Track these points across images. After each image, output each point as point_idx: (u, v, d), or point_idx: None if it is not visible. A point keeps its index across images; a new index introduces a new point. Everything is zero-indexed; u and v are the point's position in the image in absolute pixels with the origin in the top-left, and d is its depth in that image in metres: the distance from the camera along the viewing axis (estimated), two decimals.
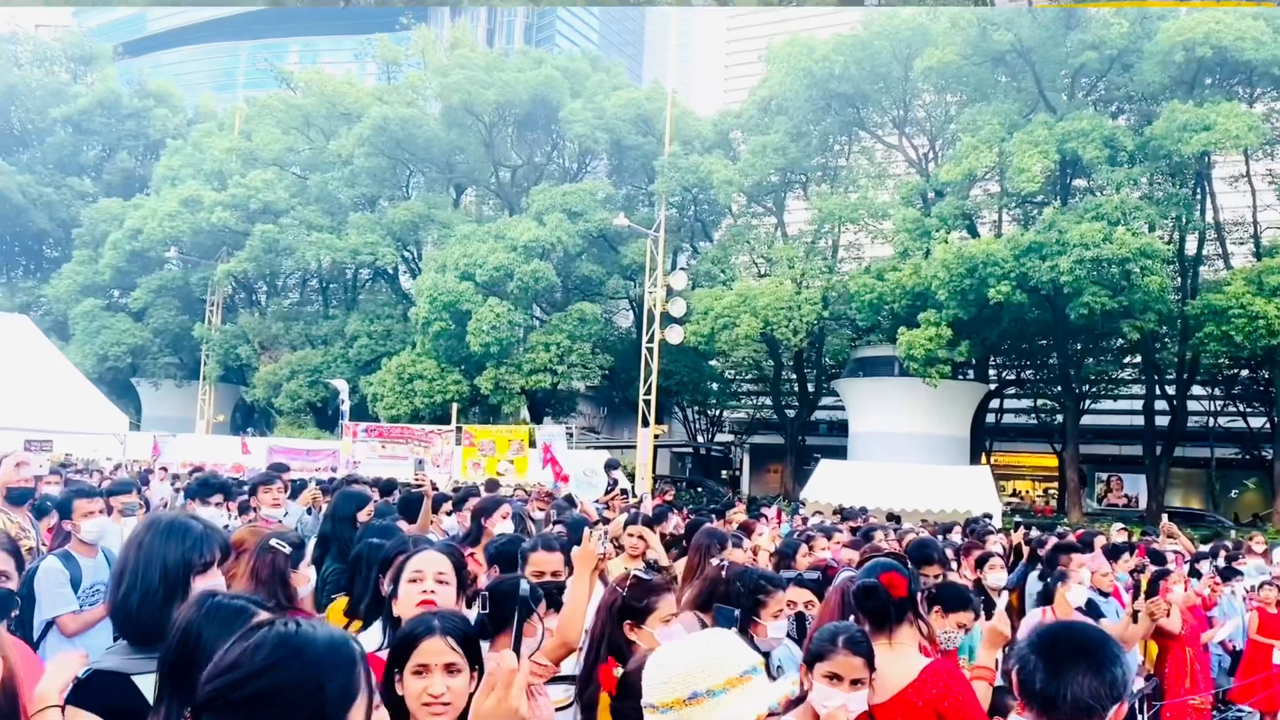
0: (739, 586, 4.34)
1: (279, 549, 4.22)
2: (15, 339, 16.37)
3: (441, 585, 3.35)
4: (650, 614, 3.73)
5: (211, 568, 3.08)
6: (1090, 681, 2.37)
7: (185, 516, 3.27)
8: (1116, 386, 40.88)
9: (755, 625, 4.20)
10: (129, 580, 2.98)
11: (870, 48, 33.75)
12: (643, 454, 32.36)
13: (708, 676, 1.95)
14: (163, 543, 3.04)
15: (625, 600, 3.77)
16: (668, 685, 1.97)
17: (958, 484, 25.99)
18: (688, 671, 1.97)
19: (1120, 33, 29.44)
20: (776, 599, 4.30)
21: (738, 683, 1.96)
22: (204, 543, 3.08)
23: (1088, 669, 2.39)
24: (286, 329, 43.71)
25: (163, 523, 3.13)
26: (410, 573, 3.38)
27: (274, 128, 43.42)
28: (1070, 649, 2.45)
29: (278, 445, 29.55)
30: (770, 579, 4.44)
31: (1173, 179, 32.02)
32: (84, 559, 5.36)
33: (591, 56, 48.40)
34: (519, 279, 34.74)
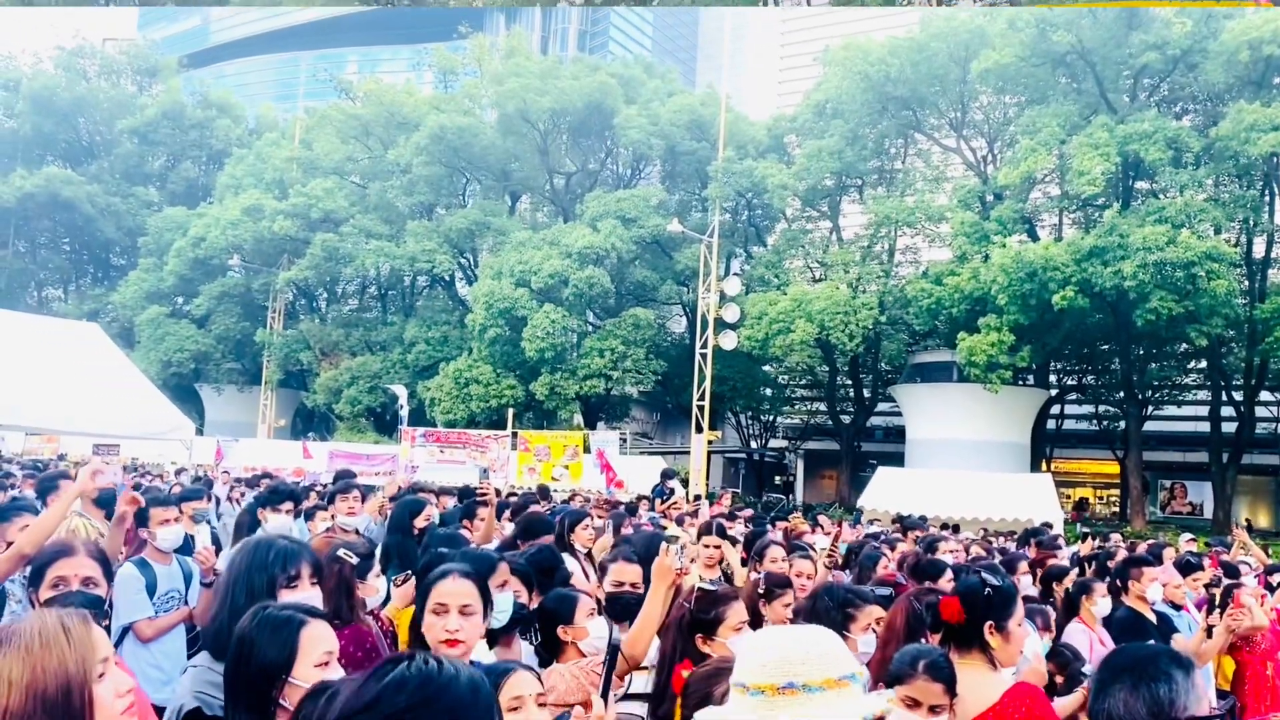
0: (827, 601, 4.33)
1: (346, 559, 4.26)
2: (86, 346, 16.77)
3: (467, 618, 3.25)
4: (720, 624, 3.74)
5: (299, 581, 3.18)
6: (1128, 698, 2.40)
7: (274, 536, 3.39)
8: (1181, 392, 39.94)
9: (846, 640, 4.18)
10: (220, 597, 3.14)
11: (926, 50, 33.41)
12: (696, 460, 32.32)
13: (809, 670, 1.91)
14: (248, 561, 3.18)
15: (693, 614, 3.77)
16: (765, 669, 1.93)
17: (1018, 492, 25.62)
18: (789, 659, 1.93)
19: (1183, 32, 28.85)
20: (866, 613, 4.28)
21: (835, 685, 1.91)
22: (289, 558, 3.19)
23: (1128, 685, 2.42)
24: (346, 335, 44.36)
25: (251, 542, 3.27)
26: (434, 603, 3.29)
27: (333, 137, 44.15)
28: (1116, 666, 2.50)
29: (338, 450, 30.02)
30: (859, 594, 4.43)
31: (1240, 180, 31.27)
32: (159, 565, 5.47)
33: (645, 62, 48.53)
34: (574, 285, 34.91)
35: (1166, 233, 26.90)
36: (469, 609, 3.24)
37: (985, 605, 3.72)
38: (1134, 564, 7.37)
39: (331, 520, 6.88)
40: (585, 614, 3.88)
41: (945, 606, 3.81)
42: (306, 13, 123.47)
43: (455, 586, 3.28)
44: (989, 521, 23.03)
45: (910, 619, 4.13)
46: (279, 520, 6.85)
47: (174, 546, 5.58)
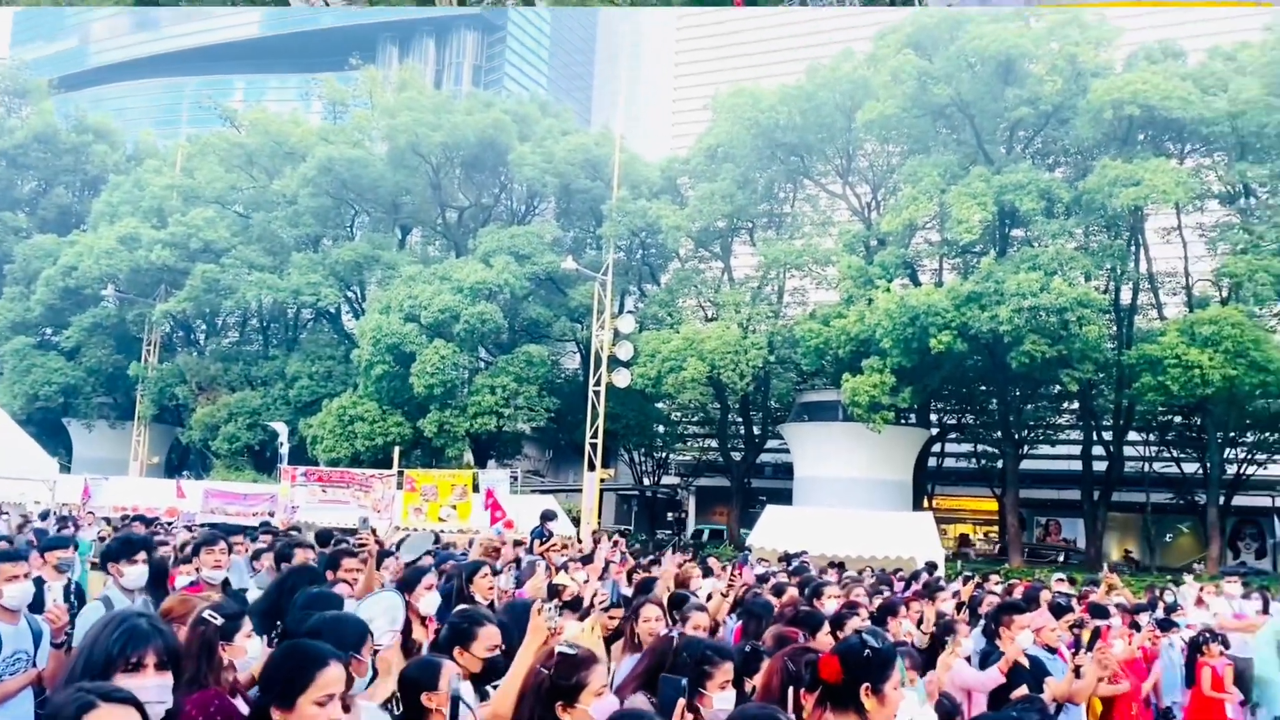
0: (685, 657, 4.26)
1: (210, 621, 4.06)
2: None
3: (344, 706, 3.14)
4: (582, 690, 3.60)
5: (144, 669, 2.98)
6: None
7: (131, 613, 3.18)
8: (1055, 432, 41.62)
9: (702, 697, 4.10)
10: (66, 669, 2.93)
11: (814, 99, 34.36)
12: (588, 498, 32.17)
13: None
14: (94, 636, 2.98)
15: (554, 679, 3.62)
16: None
17: (901, 530, 26.15)
18: None
19: (1054, 89, 30.34)
20: (723, 670, 4.20)
21: None
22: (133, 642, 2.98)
23: None
24: (225, 369, 42.93)
25: (106, 617, 3.07)
26: (318, 694, 3.09)
27: (217, 166, 42.92)
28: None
29: (214, 489, 28.79)
30: (718, 649, 4.36)
31: (1108, 231, 32.91)
32: (5, 625, 5.09)
33: (540, 100, 48.69)
34: (465, 321, 34.54)
35: (1040, 280, 28.07)
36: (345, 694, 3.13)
37: (863, 666, 3.70)
38: (1006, 610, 7.55)
39: (196, 574, 6.51)
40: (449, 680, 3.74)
41: (824, 665, 3.79)
42: (192, 37, 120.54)
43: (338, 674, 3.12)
44: (873, 560, 23.41)
45: (784, 679, 4.09)
46: (134, 573, 6.37)
47: (22, 605, 5.19)
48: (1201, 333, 27.93)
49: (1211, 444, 33.29)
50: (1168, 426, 37.45)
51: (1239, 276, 28.38)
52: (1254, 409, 32.00)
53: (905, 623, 8.09)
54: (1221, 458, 34.11)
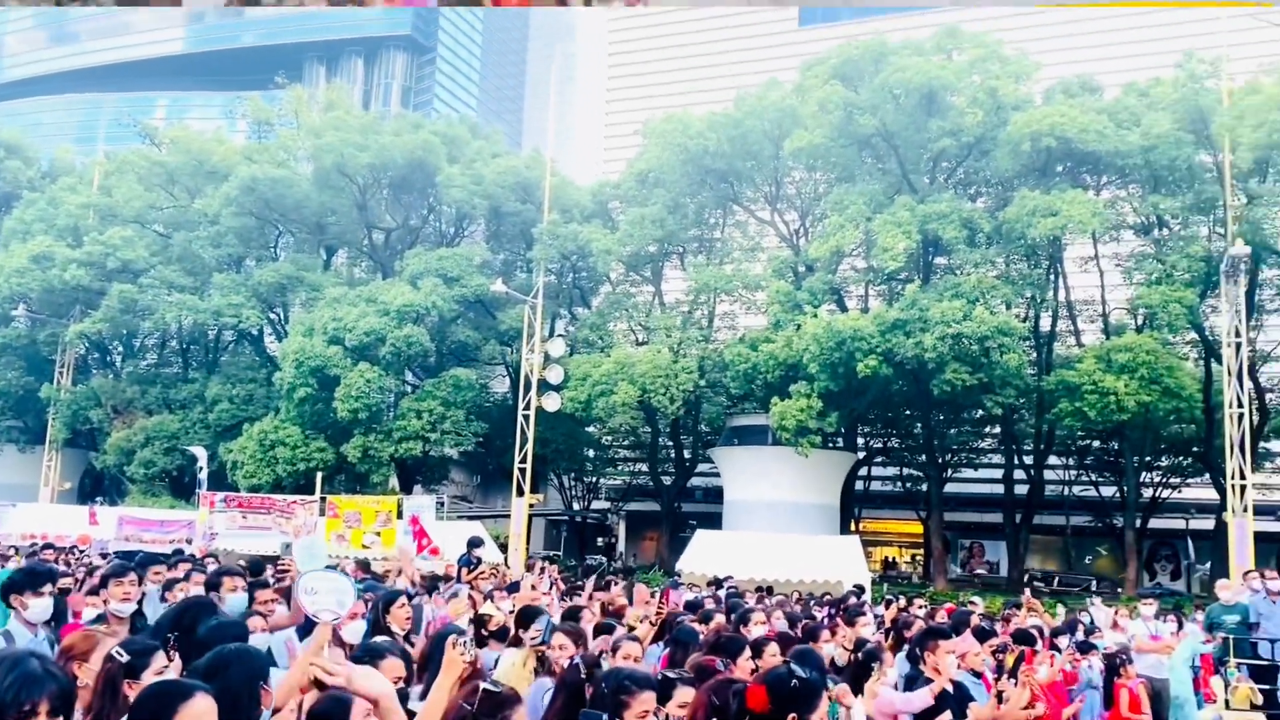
0: (604, 688, 4.17)
1: (116, 658, 3.89)
2: None
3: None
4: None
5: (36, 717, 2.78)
6: None
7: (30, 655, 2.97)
8: (978, 456, 42.43)
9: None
10: None
11: (742, 126, 34.75)
12: (517, 524, 31.83)
13: None
14: None
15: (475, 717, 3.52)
16: None
17: (829, 553, 26.38)
18: None
19: (976, 121, 31.09)
20: (641, 699, 4.11)
21: None
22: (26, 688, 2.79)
23: None
24: (142, 392, 41.66)
25: None
26: None
27: (136, 184, 41.76)
28: None
29: (128, 515, 27.93)
30: (635, 678, 4.26)
31: (1027, 260, 33.76)
32: None
33: (470, 123, 48.39)
34: (391, 344, 34.06)
35: (963, 307, 28.64)
36: None
37: (791, 697, 3.70)
38: (931, 635, 7.57)
39: (104, 606, 6.22)
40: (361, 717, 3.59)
41: (751, 695, 3.78)
42: (112, 53, 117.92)
43: (205, 706, 2.96)
44: (801, 584, 23.56)
45: (708, 712, 4.02)
46: (39, 606, 6.07)
47: None
48: (1117, 360, 28.72)
49: (1128, 468, 34.21)
50: (1086, 451, 38.41)
51: (1153, 306, 29.27)
52: (1168, 434, 32.99)
53: (827, 647, 8.09)
54: (1138, 481, 35.06)
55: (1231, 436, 24.33)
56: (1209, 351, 32.40)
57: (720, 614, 9.02)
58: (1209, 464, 32.37)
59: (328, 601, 4.66)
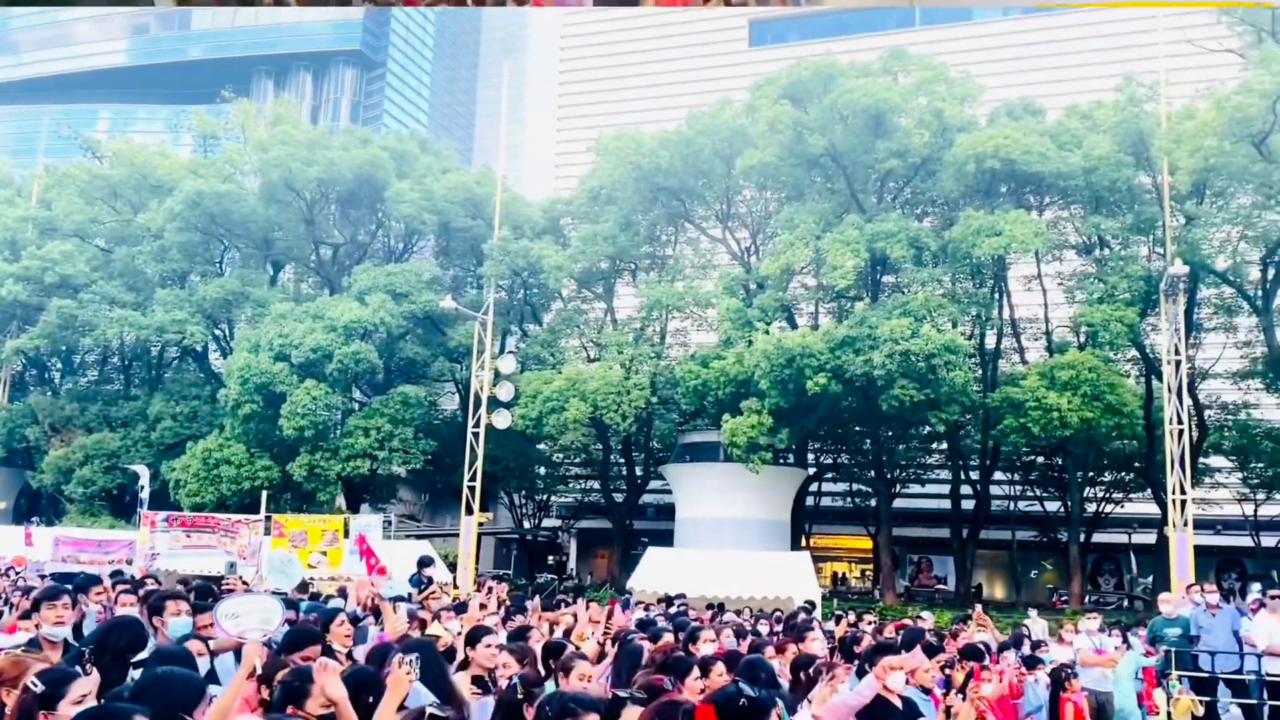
0: (547, 710, 4.11)
1: (31, 689, 3.76)
2: None
3: None
4: None
5: None
6: None
7: None
8: (926, 472, 42.88)
9: None
10: None
11: (693, 145, 34.94)
12: (466, 543, 31.48)
13: None
14: None
15: None
16: None
17: (779, 570, 26.39)
18: None
19: (923, 142, 31.55)
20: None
21: None
22: None
23: None
24: (82, 410, 40.71)
25: None
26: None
27: (76, 197, 40.94)
28: None
29: (65, 536, 27.13)
30: (579, 700, 4.20)
31: (973, 279, 34.30)
32: None
33: (420, 138, 48.09)
34: (338, 360, 33.65)
35: (910, 325, 28.98)
36: None
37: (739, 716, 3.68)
38: (880, 651, 7.58)
39: (36, 630, 5.99)
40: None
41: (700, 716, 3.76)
42: (55, 64, 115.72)
43: None
44: (752, 600, 23.54)
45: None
46: None
47: None
48: (1060, 377, 29.21)
49: (1072, 483, 34.78)
50: (1031, 466, 38.99)
51: (1095, 324, 29.84)
52: (1110, 450, 33.61)
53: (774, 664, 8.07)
54: (1081, 497, 35.66)
55: (1172, 452, 24.83)
56: (1149, 369, 33.12)
57: (669, 632, 8.95)
58: (1150, 479, 33.02)
59: (250, 622, 4.60)
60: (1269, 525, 36.37)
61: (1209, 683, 14.13)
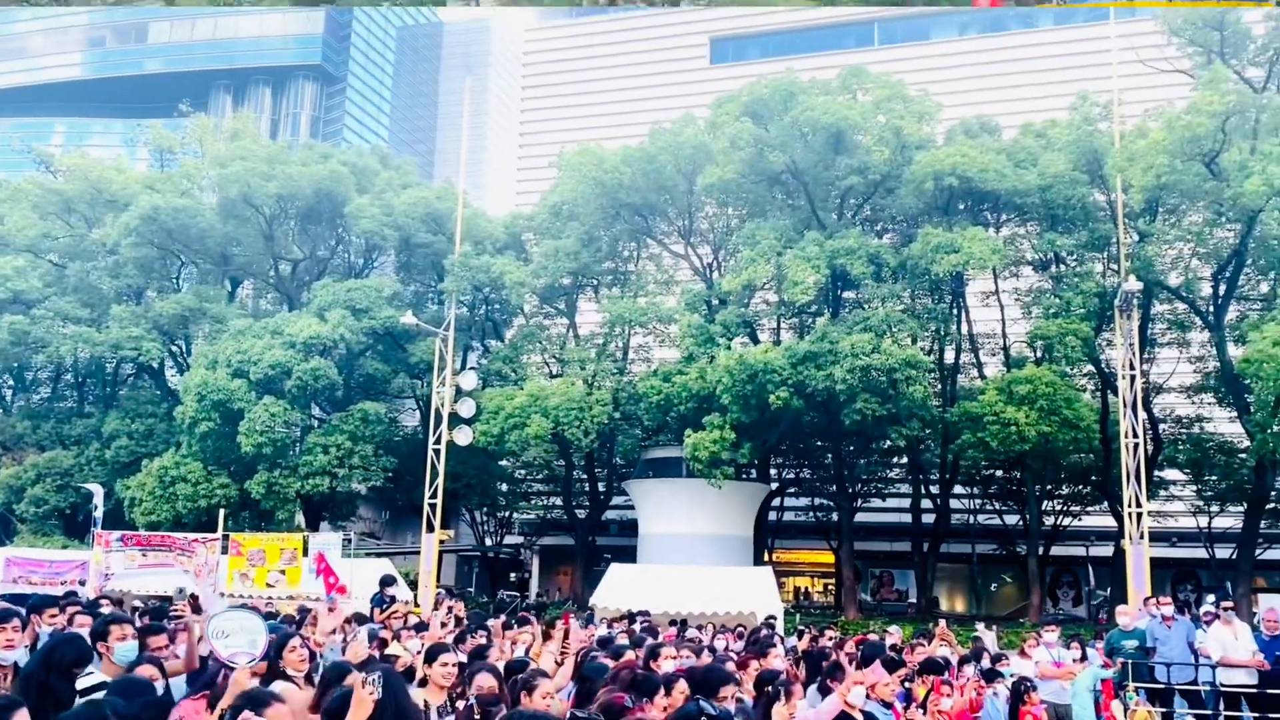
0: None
1: None
2: None
3: None
4: None
5: None
6: None
7: None
8: (887, 486, 43.13)
9: None
10: None
11: (655, 162, 35.00)
12: (427, 560, 31.15)
13: None
14: None
15: None
16: None
17: (742, 585, 26.37)
18: None
19: (882, 159, 31.86)
20: None
21: None
22: None
23: None
24: (34, 427, 39.94)
25: None
26: None
27: (29, 212, 40.20)
28: None
29: (15, 556, 26.58)
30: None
31: (932, 295, 34.63)
32: None
33: (380, 153, 47.85)
34: (297, 377, 33.28)
35: (871, 340, 29.20)
36: None
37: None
38: (840, 667, 7.61)
39: None
40: None
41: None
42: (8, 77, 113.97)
43: None
44: (715, 616, 23.51)
45: None
46: None
47: None
48: (1018, 391, 29.52)
49: (1030, 497, 35.13)
50: (990, 480, 39.32)
51: (1051, 338, 30.23)
52: (1068, 463, 33.98)
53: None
54: (1040, 510, 36.00)
55: (1128, 465, 25.15)
56: (1105, 383, 33.58)
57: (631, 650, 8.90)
58: (1107, 492, 33.43)
59: (239, 643, 4.54)
60: (1223, 537, 36.90)
61: (1165, 694, 14.32)
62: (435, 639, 9.32)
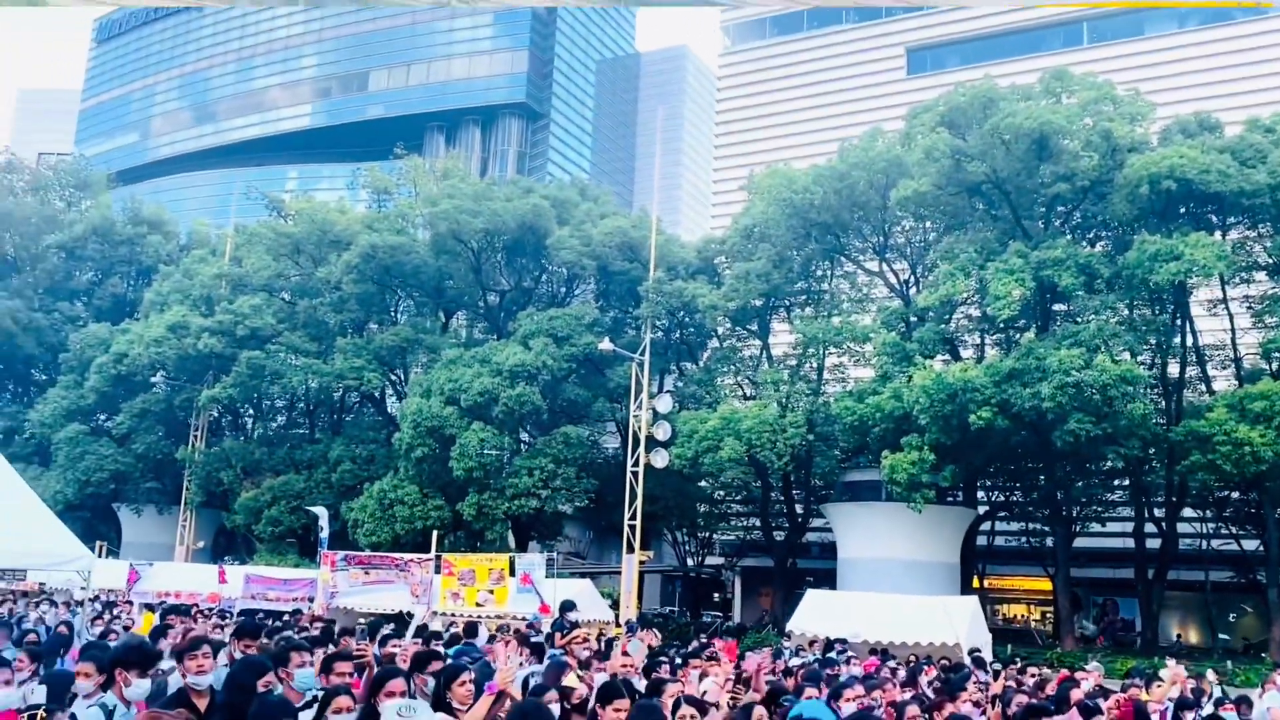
0: None
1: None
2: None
3: None
4: None
5: None
6: None
7: None
8: (1107, 509, 40.47)
9: None
10: None
11: (848, 179, 34.48)
12: (627, 580, 31.78)
13: None
14: None
15: None
16: None
17: (945, 614, 25.42)
18: None
19: (1091, 165, 30.19)
20: None
21: None
22: None
23: None
24: (270, 453, 43.37)
25: None
26: None
27: (264, 254, 43.94)
28: None
29: (254, 574, 28.85)
30: None
31: (1151, 305, 32.40)
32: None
33: (581, 185, 49.46)
34: (504, 403, 34.69)
35: (1082, 355, 27.60)
36: None
37: None
38: (1033, 714, 7.28)
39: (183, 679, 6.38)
40: None
41: None
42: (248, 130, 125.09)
43: None
44: (917, 646, 22.78)
45: None
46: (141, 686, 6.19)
47: None
48: (1252, 408, 27.20)
49: (1270, 521, 32.17)
50: (1224, 503, 36.27)
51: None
52: None
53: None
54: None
55: None
56: None
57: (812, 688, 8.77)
58: None
59: None
60: None
61: None
62: (617, 668, 9.54)
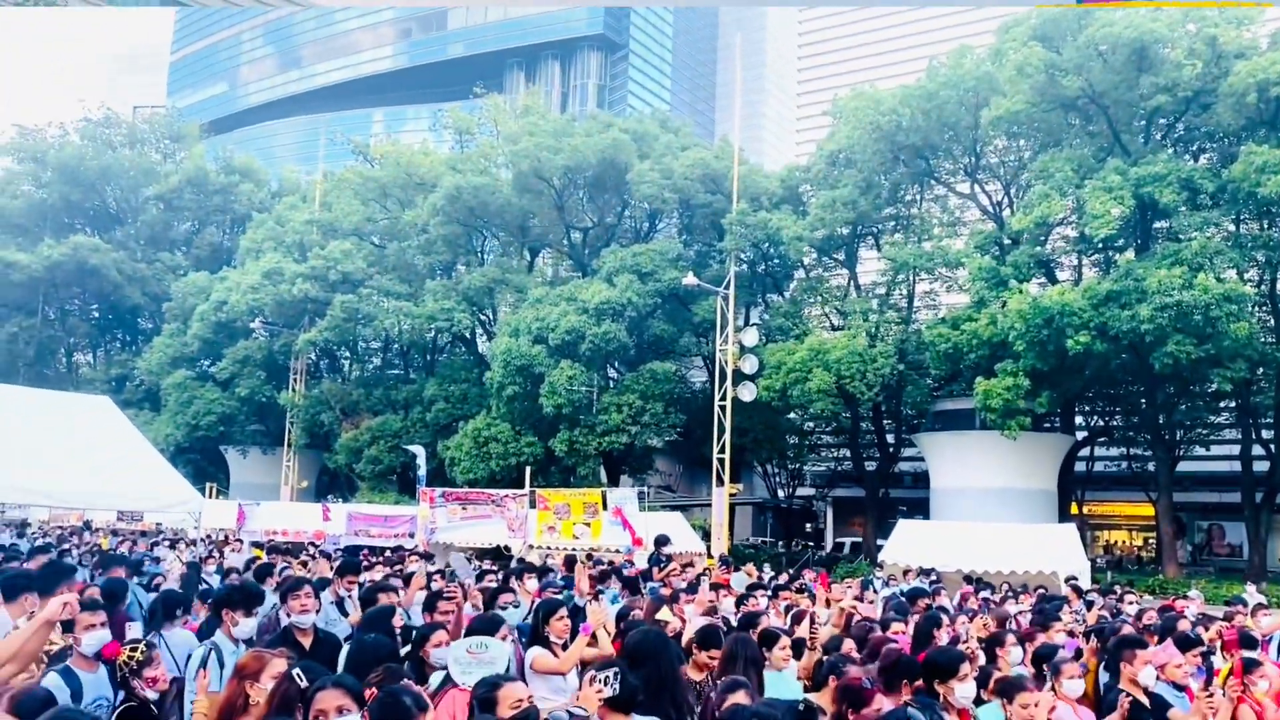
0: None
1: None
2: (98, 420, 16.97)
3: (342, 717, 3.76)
4: None
5: None
6: None
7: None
8: (1212, 432, 39.21)
9: None
10: None
11: (936, 98, 33.39)
12: (718, 513, 32.01)
13: None
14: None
15: None
16: None
17: (1042, 542, 25.08)
18: None
19: (1193, 74, 28.70)
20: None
21: None
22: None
23: None
24: (367, 394, 44.50)
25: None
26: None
27: (352, 199, 44.65)
28: None
29: (356, 512, 29.81)
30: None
31: (1259, 220, 30.91)
32: (85, 674, 5.16)
33: (661, 117, 48.81)
34: (590, 340, 34.92)
35: (1183, 275, 26.56)
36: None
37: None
38: (1127, 645, 7.15)
39: (288, 618, 6.59)
40: None
41: None
42: (333, 74, 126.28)
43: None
44: (1012, 575, 22.57)
45: None
46: (248, 625, 6.25)
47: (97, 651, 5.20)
48: None
49: None
50: None
51: None
52: None
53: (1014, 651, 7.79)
54: None
55: None
56: None
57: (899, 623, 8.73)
58: None
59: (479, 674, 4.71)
60: None
61: None
62: (706, 604, 9.67)
